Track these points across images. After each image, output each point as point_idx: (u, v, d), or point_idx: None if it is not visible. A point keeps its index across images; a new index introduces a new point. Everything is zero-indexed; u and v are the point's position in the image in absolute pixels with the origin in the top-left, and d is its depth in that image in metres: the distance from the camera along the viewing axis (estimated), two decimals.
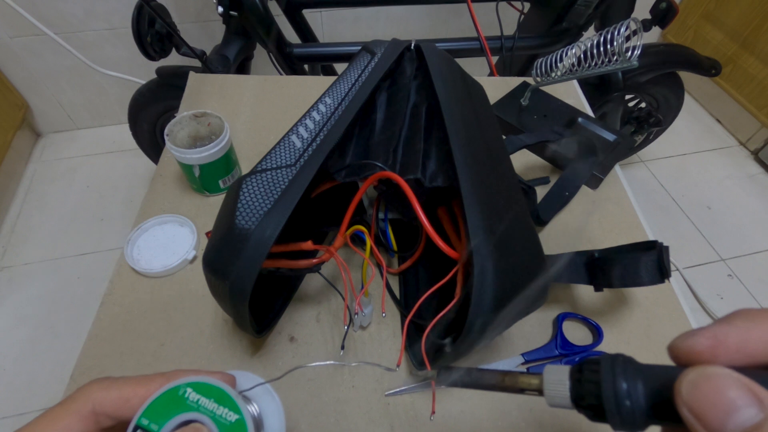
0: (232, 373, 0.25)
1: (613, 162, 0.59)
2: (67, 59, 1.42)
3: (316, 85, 0.72)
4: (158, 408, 0.21)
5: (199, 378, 0.22)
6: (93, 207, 1.43)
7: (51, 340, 1.15)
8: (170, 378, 0.22)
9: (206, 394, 0.22)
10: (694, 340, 0.17)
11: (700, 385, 0.15)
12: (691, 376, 0.15)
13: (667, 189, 1.55)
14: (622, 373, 0.17)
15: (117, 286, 0.47)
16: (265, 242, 0.32)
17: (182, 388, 0.22)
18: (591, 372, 0.18)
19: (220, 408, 0.22)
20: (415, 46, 0.45)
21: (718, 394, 0.14)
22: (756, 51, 1.57)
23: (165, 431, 0.21)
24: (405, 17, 1.58)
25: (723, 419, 0.14)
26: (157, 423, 0.21)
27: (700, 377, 0.15)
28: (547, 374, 0.19)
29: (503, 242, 0.32)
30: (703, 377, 0.15)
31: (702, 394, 0.15)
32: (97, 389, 0.22)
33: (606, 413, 0.17)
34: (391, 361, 0.43)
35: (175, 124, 0.52)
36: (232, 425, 0.21)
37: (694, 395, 0.15)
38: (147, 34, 0.92)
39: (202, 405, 0.22)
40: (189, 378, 0.22)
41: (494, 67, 1.04)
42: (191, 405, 0.22)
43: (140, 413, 0.21)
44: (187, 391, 0.22)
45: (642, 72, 1.13)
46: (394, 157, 0.38)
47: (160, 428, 0.21)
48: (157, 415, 0.21)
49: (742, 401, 0.14)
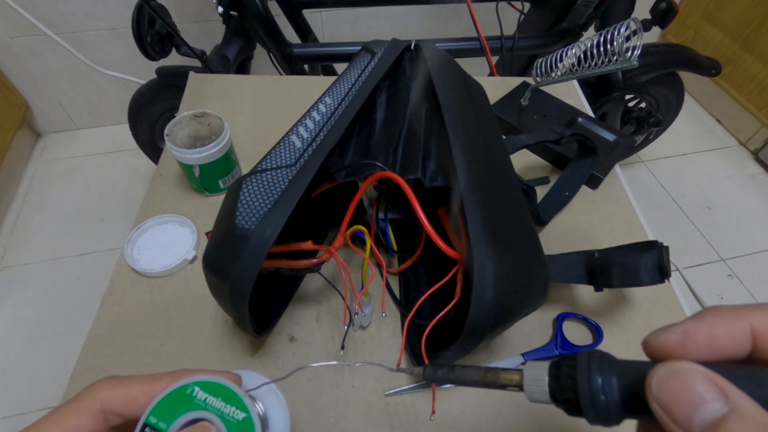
0: (238, 372, 0.26)
1: (613, 162, 0.59)
2: (67, 59, 1.42)
3: (316, 85, 0.72)
4: (166, 406, 0.21)
5: (206, 377, 0.22)
6: (93, 207, 1.43)
7: (51, 340, 1.15)
8: (177, 377, 0.22)
9: (214, 393, 0.22)
10: (665, 336, 0.17)
11: (668, 380, 0.15)
12: (660, 372, 0.16)
13: (667, 189, 1.56)
14: (598, 369, 0.17)
15: (117, 286, 0.47)
16: (265, 242, 0.32)
17: (190, 387, 0.22)
18: (568, 368, 0.18)
19: (228, 407, 0.22)
20: (415, 46, 0.45)
21: (686, 388, 0.15)
22: (756, 51, 1.58)
23: (173, 429, 0.21)
24: (405, 17, 1.58)
25: (690, 413, 0.14)
26: (165, 421, 0.21)
27: (669, 372, 0.15)
28: (527, 370, 0.20)
29: (503, 242, 0.32)
30: (672, 372, 0.15)
31: (670, 389, 0.15)
32: (105, 388, 0.22)
33: (582, 408, 0.17)
34: (391, 361, 0.43)
35: (175, 124, 0.52)
36: (239, 423, 0.21)
37: (663, 390, 0.15)
38: (147, 34, 0.92)
39: (210, 404, 0.22)
40: (197, 377, 0.22)
41: (494, 67, 1.04)
42: (199, 404, 0.22)
43: (148, 411, 0.21)
44: (194, 390, 0.22)
45: (642, 72, 1.13)
46: (394, 157, 0.38)
47: (168, 426, 0.21)
48: (165, 414, 0.21)
49: (708, 395, 0.14)
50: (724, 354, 0.16)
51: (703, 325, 0.17)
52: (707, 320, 0.17)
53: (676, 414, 0.15)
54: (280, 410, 0.26)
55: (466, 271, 0.36)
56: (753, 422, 0.13)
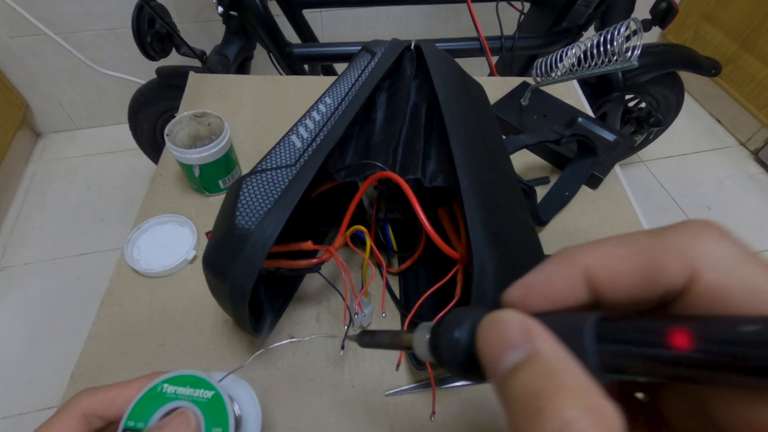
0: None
1: (613, 162, 0.59)
2: (67, 59, 1.42)
3: (316, 85, 0.72)
4: (141, 408, 0.24)
5: (171, 373, 0.25)
6: (93, 207, 1.43)
7: (51, 340, 1.15)
8: (151, 378, 0.25)
9: (181, 384, 0.25)
10: (510, 291, 0.17)
11: (485, 328, 0.15)
12: (483, 321, 0.16)
13: (666, 189, 1.56)
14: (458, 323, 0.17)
15: (117, 286, 0.47)
16: (265, 242, 0.32)
17: (159, 385, 0.25)
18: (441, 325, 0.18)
19: (196, 390, 0.25)
20: (415, 46, 0.45)
21: (497, 335, 0.15)
22: (756, 51, 1.57)
23: (152, 423, 0.23)
24: (405, 17, 1.58)
25: (497, 358, 0.14)
26: (142, 420, 0.23)
27: (487, 321, 0.15)
28: (417, 331, 0.20)
29: (503, 242, 0.32)
30: (489, 321, 0.15)
31: (485, 337, 0.15)
32: (84, 396, 0.24)
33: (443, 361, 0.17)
34: (391, 362, 0.43)
35: (175, 124, 0.52)
36: (210, 401, 0.24)
37: (480, 338, 0.15)
38: (147, 34, 0.92)
39: (180, 393, 0.24)
40: (163, 376, 0.25)
41: (494, 67, 1.04)
42: (170, 396, 0.24)
43: (126, 416, 0.23)
44: (163, 387, 0.25)
45: (642, 72, 1.13)
46: (394, 157, 0.38)
47: (146, 424, 0.23)
48: (141, 414, 0.24)
49: (516, 341, 0.14)
50: (563, 302, 0.15)
51: (540, 275, 0.16)
52: (545, 269, 0.16)
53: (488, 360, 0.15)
54: (246, 392, 0.30)
55: (466, 271, 0.36)
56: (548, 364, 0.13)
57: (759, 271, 0.13)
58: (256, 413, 0.29)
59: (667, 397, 0.17)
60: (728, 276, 0.13)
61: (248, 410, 0.29)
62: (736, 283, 0.13)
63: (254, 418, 0.29)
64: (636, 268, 0.14)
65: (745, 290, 0.13)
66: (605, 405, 0.12)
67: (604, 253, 0.15)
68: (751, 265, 0.13)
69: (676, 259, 0.14)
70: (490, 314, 0.16)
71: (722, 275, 0.13)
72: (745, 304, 0.12)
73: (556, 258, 0.16)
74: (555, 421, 0.11)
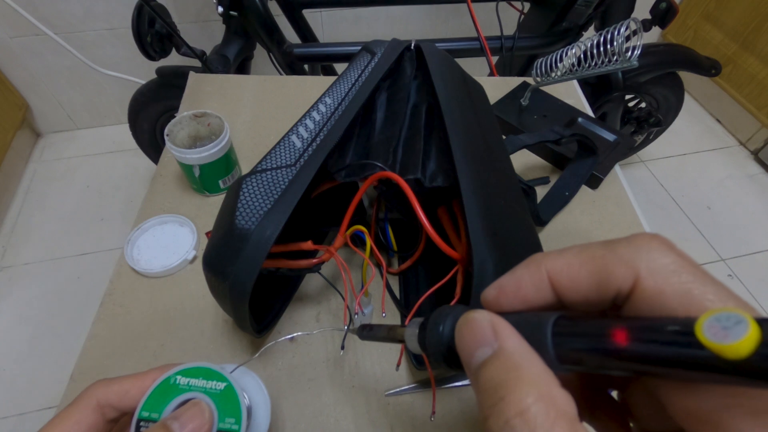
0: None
1: (613, 162, 0.59)
2: (67, 59, 1.42)
3: (316, 85, 0.72)
4: (155, 399, 0.24)
5: (184, 365, 0.25)
6: (93, 207, 1.43)
7: (51, 340, 1.15)
8: (164, 370, 0.25)
9: (195, 376, 0.25)
10: (486, 292, 0.18)
11: (461, 327, 0.17)
12: (459, 321, 0.17)
13: (666, 189, 1.56)
14: (442, 320, 0.19)
15: (117, 286, 0.47)
16: (265, 242, 0.32)
17: (172, 377, 0.25)
18: (428, 321, 0.20)
19: (209, 382, 0.25)
20: (415, 46, 0.45)
21: (470, 333, 0.16)
22: (756, 51, 1.58)
23: (166, 413, 0.24)
24: (405, 17, 1.58)
25: (470, 355, 0.16)
26: (156, 411, 0.24)
27: (463, 320, 0.17)
28: (409, 326, 0.22)
29: (503, 242, 0.32)
30: (464, 320, 0.17)
31: (461, 335, 0.17)
32: (99, 386, 0.24)
33: (429, 354, 0.19)
34: (391, 361, 0.43)
35: (175, 124, 0.52)
36: (222, 392, 0.25)
37: (457, 336, 0.17)
38: (147, 34, 0.92)
39: (193, 385, 0.25)
40: (176, 368, 0.25)
41: (494, 67, 1.04)
42: (183, 388, 0.25)
43: (140, 407, 0.24)
44: (177, 378, 0.25)
45: (642, 72, 1.13)
46: (394, 157, 0.38)
47: (160, 415, 0.23)
48: (155, 406, 0.24)
49: (486, 338, 0.16)
50: (531, 303, 0.17)
51: (512, 278, 0.18)
52: (516, 273, 0.18)
53: (464, 357, 0.16)
54: (255, 384, 0.31)
55: (466, 271, 0.36)
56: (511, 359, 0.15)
57: (692, 279, 0.14)
58: (265, 404, 0.30)
59: (634, 393, 0.19)
60: (666, 282, 0.14)
61: (258, 401, 0.30)
62: (671, 289, 0.14)
63: (264, 408, 0.30)
64: (590, 274, 0.16)
65: (679, 295, 0.14)
66: (558, 393, 0.14)
67: (564, 260, 0.17)
68: (686, 274, 0.14)
69: (623, 267, 0.15)
70: (466, 314, 0.17)
71: (660, 281, 0.15)
72: (679, 307, 0.14)
73: (525, 263, 0.18)
74: (513, 408, 0.13)
